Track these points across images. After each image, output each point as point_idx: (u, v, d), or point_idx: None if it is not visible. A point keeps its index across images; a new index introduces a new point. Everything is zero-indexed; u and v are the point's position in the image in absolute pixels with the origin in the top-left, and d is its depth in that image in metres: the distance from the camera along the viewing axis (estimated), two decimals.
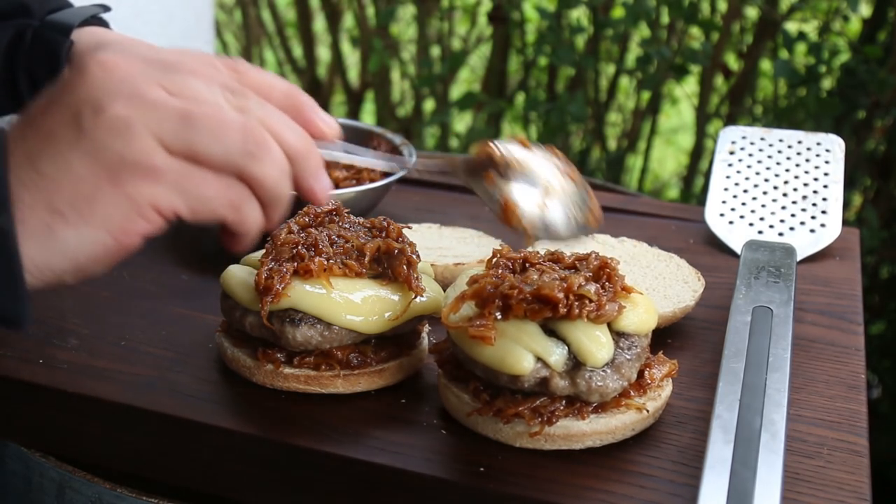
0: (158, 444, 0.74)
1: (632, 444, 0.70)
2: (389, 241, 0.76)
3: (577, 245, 0.98)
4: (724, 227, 1.06)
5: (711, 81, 2.19)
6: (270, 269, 0.74)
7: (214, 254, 1.00)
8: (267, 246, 0.76)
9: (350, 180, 1.09)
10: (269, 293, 0.72)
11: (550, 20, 2.09)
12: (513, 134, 2.67)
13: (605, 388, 0.67)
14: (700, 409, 0.75)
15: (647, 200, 1.22)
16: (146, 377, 0.78)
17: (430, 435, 0.71)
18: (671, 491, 0.65)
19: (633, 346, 0.70)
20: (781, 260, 0.90)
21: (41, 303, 0.89)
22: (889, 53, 1.90)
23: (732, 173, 1.11)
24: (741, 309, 0.80)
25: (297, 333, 0.73)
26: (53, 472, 0.75)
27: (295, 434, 0.71)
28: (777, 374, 0.70)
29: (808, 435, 0.72)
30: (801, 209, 1.06)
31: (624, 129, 2.52)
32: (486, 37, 2.62)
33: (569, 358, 0.67)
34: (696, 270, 0.93)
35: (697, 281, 0.91)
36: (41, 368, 0.78)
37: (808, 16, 2.10)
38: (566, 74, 2.43)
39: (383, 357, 0.76)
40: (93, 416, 0.75)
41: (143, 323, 0.86)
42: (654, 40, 2.02)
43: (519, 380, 0.67)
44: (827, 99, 1.88)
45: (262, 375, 0.76)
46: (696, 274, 0.92)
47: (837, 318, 0.90)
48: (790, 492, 0.65)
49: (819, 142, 1.13)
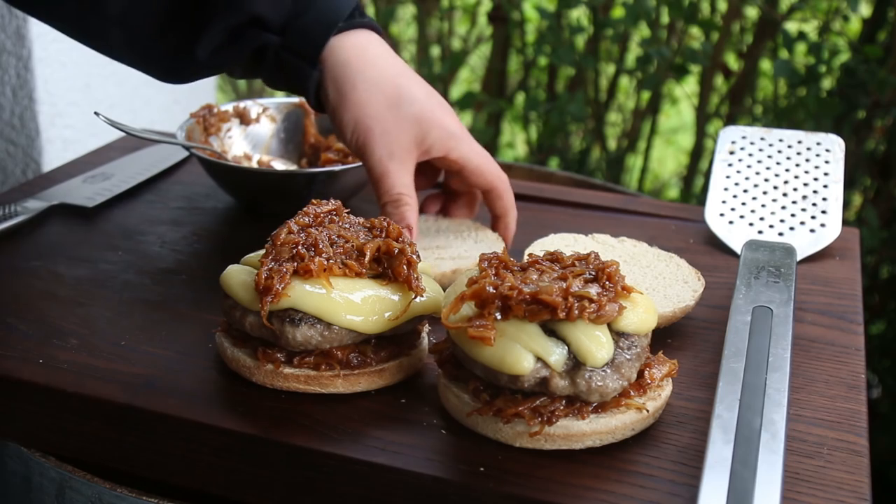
0: (158, 444, 0.74)
1: (632, 444, 0.70)
2: (389, 241, 0.76)
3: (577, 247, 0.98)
4: (724, 227, 1.06)
5: (711, 81, 2.19)
6: (270, 269, 0.74)
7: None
8: (267, 246, 0.76)
9: (336, 163, 1.14)
10: (269, 293, 0.72)
11: (550, 20, 2.09)
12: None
13: (605, 388, 0.67)
14: (700, 409, 0.75)
15: (647, 200, 1.22)
16: (146, 377, 0.78)
17: (430, 435, 0.71)
18: (671, 491, 0.65)
19: (633, 346, 0.70)
20: (781, 260, 0.90)
21: (41, 303, 0.89)
22: (889, 53, 1.90)
23: (732, 173, 1.11)
24: (741, 309, 0.80)
25: (297, 333, 0.73)
26: (53, 472, 0.75)
27: (295, 434, 0.71)
28: (777, 373, 0.70)
29: (808, 435, 0.72)
30: (801, 209, 1.06)
31: (624, 129, 2.52)
32: (486, 37, 2.62)
33: (569, 358, 0.67)
34: (696, 270, 0.93)
35: (697, 281, 0.91)
36: (41, 368, 0.78)
37: (808, 16, 2.10)
38: (566, 74, 2.43)
39: (383, 357, 0.76)
40: (93, 416, 0.75)
41: (143, 323, 0.86)
42: (654, 40, 2.02)
43: (519, 380, 0.67)
44: (827, 99, 1.88)
45: (262, 375, 0.76)
46: (696, 274, 0.92)
47: (837, 318, 0.90)
48: (790, 492, 0.65)
49: (819, 142, 1.13)
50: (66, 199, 1.11)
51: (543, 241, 0.99)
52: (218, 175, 1.09)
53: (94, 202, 1.11)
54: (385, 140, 0.90)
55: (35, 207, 1.07)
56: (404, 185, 0.91)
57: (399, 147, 0.91)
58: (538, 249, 0.97)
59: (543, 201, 1.19)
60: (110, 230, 1.06)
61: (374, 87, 0.90)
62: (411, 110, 0.91)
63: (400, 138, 0.91)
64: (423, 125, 0.91)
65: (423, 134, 0.91)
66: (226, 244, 1.04)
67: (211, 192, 1.17)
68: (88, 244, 1.02)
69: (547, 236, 1.01)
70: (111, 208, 1.12)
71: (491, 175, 0.97)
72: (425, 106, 0.92)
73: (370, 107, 0.90)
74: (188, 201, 1.15)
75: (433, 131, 0.92)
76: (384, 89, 0.90)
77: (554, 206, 1.17)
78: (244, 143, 1.19)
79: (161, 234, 1.05)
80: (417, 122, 0.91)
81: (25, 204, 1.07)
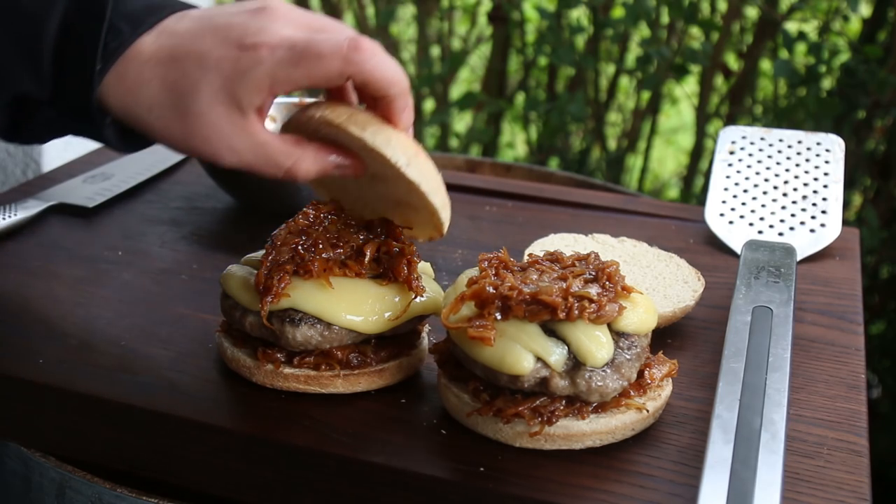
0: (158, 444, 0.74)
1: (632, 444, 0.70)
2: (389, 241, 0.76)
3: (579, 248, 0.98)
4: (724, 227, 1.06)
5: (711, 81, 2.19)
6: (270, 268, 0.74)
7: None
8: (267, 246, 0.76)
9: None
10: (269, 293, 0.72)
11: (550, 20, 2.09)
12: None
13: (604, 388, 0.67)
14: (700, 409, 0.75)
15: (647, 200, 1.22)
16: (146, 377, 0.78)
17: (430, 435, 0.71)
18: (671, 491, 0.65)
19: (633, 346, 0.70)
20: (781, 260, 0.90)
21: (41, 303, 0.89)
22: (889, 53, 1.90)
23: (732, 173, 1.11)
24: (741, 309, 0.80)
25: (297, 333, 0.73)
26: (53, 472, 0.75)
27: (295, 434, 0.71)
28: (777, 373, 0.70)
29: (808, 435, 0.72)
30: (801, 209, 1.06)
31: (624, 129, 2.52)
32: (486, 37, 2.61)
33: (569, 358, 0.67)
34: (696, 270, 0.93)
35: (697, 281, 0.91)
36: (41, 368, 0.78)
37: (808, 16, 2.10)
38: (566, 74, 2.43)
39: (383, 357, 0.76)
40: (93, 415, 0.75)
41: (143, 323, 0.86)
42: (654, 40, 2.02)
43: (519, 380, 0.67)
44: (827, 99, 1.88)
45: (262, 375, 0.76)
46: (696, 274, 0.92)
47: (837, 318, 0.90)
48: (790, 492, 0.65)
49: (819, 142, 1.13)
50: (66, 199, 1.11)
51: (543, 241, 0.99)
52: (218, 175, 1.09)
53: (94, 202, 1.11)
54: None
55: (35, 207, 1.07)
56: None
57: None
58: (538, 249, 0.97)
59: (543, 201, 1.19)
60: (110, 230, 1.06)
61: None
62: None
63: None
64: (221, 92, 0.69)
65: (229, 97, 0.69)
66: (226, 244, 1.04)
67: (211, 192, 1.17)
68: (88, 244, 1.02)
69: (547, 236, 1.01)
70: (111, 208, 1.12)
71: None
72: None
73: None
74: (188, 201, 1.15)
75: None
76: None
77: (554, 206, 1.17)
78: None
79: (161, 234, 1.05)
80: (213, 94, 0.70)
81: (25, 204, 1.07)
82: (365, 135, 0.69)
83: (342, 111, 0.70)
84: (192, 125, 0.70)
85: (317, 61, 0.67)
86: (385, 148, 0.69)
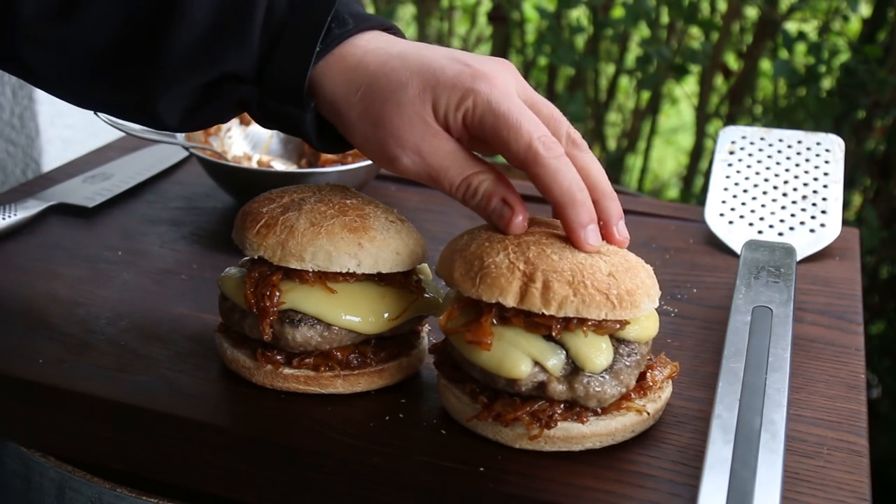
0: (158, 444, 0.74)
1: (632, 445, 0.70)
2: None
3: None
4: (724, 227, 1.06)
5: (711, 81, 2.19)
6: (257, 284, 0.73)
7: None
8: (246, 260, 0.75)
9: (335, 163, 1.13)
10: (267, 315, 0.72)
11: (550, 20, 2.09)
12: None
13: (603, 394, 0.67)
14: (700, 409, 0.75)
15: (647, 200, 1.22)
16: (146, 377, 0.77)
17: (430, 435, 0.71)
18: (671, 491, 0.65)
19: (632, 353, 0.69)
20: (781, 260, 0.90)
21: (41, 303, 0.89)
22: (889, 53, 1.90)
23: (732, 173, 1.11)
24: (741, 309, 0.80)
25: (296, 334, 0.73)
26: (53, 472, 0.75)
27: (295, 434, 0.71)
28: (777, 374, 0.70)
29: (808, 435, 0.72)
30: (801, 209, 1.06)
31: (624, 129, 2.52)
32: (486, 37, 2.62)
33: (567, 363, 0.67)
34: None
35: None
36: (41, 368, 0.78)
37: (807, 16, 2.10)
38: (566, 74, 2.43)
39: (383, 357, 0.76)
40: (92, 415, 0.75)
41: (142, 323, 0.86)
42: (654, 40, 2.02)
43: (516, 383, 0.67)
44: (827, 99, 1.88)
45: (261, 376, 0.75)
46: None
47: (837, 318, 0.90)
48: (790, 492, 0.65)
49: (819, 142, 1.13)
50: (66, 199, 1.11)
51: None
52: (218, 175, 1.09)
53: (94, 202, 1.11)
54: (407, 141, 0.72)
55: (35, 207, 1.07)
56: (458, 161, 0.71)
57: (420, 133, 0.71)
58: None
59: (544, 201, 1.18)
60: (110, 230, 1.06)
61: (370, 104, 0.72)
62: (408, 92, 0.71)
63: (415, 124, 0.71)
64: (428, 90, 0.70)
65: (434, 98, 0.70)
66: (226, 244, 1.04)
67: (211, 192, 1.17)
68: (88, 244, 1.02)
69: None
70: (111, 208, 1.12)
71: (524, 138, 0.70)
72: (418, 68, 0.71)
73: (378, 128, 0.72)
74: (188, 201, 1.15)
75: (436, 89, 0.70)
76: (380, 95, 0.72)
77: None
78: (244, 144, 1.19)
79: (161, 234, 1.05)
80: (422, 89, 0.70)
81: (25, 204, 1.07)
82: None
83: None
84: (388, 115, 0.70)
85: (516, 132, 0.70)
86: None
